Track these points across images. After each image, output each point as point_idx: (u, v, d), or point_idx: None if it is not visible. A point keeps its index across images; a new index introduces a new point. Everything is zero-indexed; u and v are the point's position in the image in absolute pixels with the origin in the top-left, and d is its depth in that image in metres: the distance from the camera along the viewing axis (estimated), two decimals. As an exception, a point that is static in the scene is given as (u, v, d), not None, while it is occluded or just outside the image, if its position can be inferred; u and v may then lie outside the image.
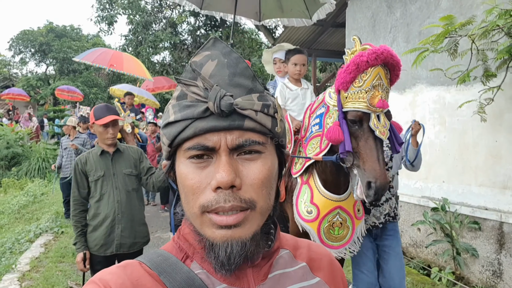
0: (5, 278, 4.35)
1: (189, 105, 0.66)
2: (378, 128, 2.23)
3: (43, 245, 5.64)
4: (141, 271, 0.67)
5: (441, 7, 4.96)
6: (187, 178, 0.66)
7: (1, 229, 7.62)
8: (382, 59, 2.13)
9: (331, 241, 2.66)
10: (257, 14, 4.64)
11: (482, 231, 4.34)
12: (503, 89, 3.95)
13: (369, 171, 2.19)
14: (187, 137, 0.66)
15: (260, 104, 0.67)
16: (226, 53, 0.70)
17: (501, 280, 4.14)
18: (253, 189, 0.65)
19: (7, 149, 13.40)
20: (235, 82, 0.67)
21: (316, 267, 0.81)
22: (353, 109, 2.24)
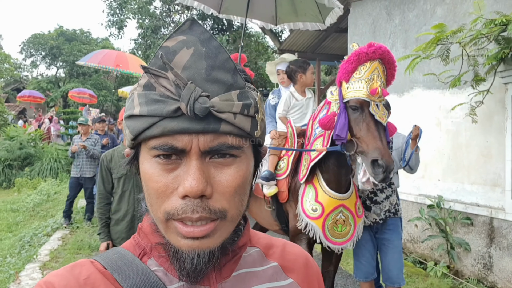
0: (27, 267, 4.69)
1: (158, 100, 0.58)
2: (378, 114, 2.43)
3: (60, 239, 6.00)
4: (91, 269, 0.64)
5: (436, 15, 5.24)
6: (151, 180, 0.59)
7: (17, 226, 7.95)
8: (379, 53, 2.39)
9: (335, 238, 2.84)
10: (273, 18, 4.83)
11: (474, 226, 4.61)
12: (493, 93, 4.22)
13: (373, 150, 2.35)
14: (153, 135, 0.58)
15: (240, 104, 0.59)
16: (204, 40, 0.60)
17: (491, 272, 4.39)
18: (225, 197, 0.59)
19: (20, 150, 13.73)
20: (213, 77, 0.59)
21: (290, 268, 0.77)
22: (354, 97, 2.45)
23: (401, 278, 3.21)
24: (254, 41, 18.72)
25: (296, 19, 4.80)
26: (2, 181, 13.08)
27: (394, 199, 3.28)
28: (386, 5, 6.20)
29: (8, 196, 11.27)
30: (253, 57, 17.50)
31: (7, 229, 7.50)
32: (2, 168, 13.38)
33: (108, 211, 3.22)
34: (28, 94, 17.02)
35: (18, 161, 13.68)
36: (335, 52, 9.61)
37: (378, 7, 6.38)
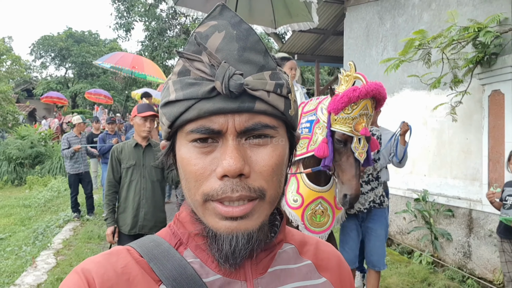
0: (42, 254, 5.12)
1: (193, 83, 0.59)
2: (358, 150, 2.60)
3: (72, 230, 6.43)
4: (128, 258, 0.63)
5: (423, 20, 5.57)
6: (189, 164, 0.60)
7: (29, 220, 8.37)
8: (371, 95, 2.50)
9: (314, 227, 3.00)
10: (272, 22, 5.14)
11: (455, 218, 4.94)
12: (471, 93, 4.55)
13: (346, 185, 2.60)
14: (190, 119, 0.59)
15: (273, 83, 0.60)
16: (235, 24, 0.61)
17: (470, 260, 4.73)
18: (263, 177, 0.60)
19: (31, 149, 14.18)
20: (245, 58, 0.60)
21: (324, 267, 0.75)
22: (340, 131, 2.61)
23: (381, 263, 3.46)
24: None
25: (291, 20, 5.15)
26: (14, 179, 13.49)
27: (379, 191, 3.46)
28: (379, 10, 6.54)
29: (20, 193, 11.67)
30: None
31: (20, 223, 7.92)
32: (14, 166, 13.80)
33: (115, 199, 3.49)
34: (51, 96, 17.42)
35: (29, 159, 14.08)
36: (334, 54, 9.95)
37: (371, 12, 6.72)
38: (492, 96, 4.46)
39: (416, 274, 4.61)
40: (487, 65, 4.38)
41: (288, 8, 5.02)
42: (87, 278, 0.59)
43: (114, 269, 0.61)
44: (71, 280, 0.60)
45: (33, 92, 28.77)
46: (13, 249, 5.82)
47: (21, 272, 4.61)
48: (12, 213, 8.86)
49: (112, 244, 3.64)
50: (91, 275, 0.59)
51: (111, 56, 9.64)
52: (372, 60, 6.62)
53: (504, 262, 3.44)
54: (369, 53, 6.76)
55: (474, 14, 4.69)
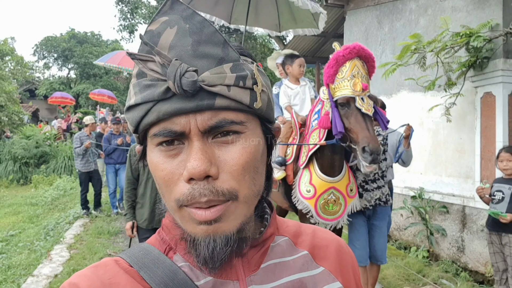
0: (56, 247, 5.37)
1: (149, 84, 0.57)
2: (364, 107, 2.67)
3: (82, 226, 6.68)
4: (116, 269, 0.63)
5: (420, 25, 5.81)
6: (157, 169, 0.59)
7: (37, 218, 8.59)
8: (355, 53, 2.64)
9: (326, 215, 3.14)
10: (277, 26, 5.38)
11: (450, 214, 5.18)
12: (464, 95, 4.79)
13: (362, 139, 2.63)
14: (151, 122, 0.58)
15: (233, 76, 0.57)
16: (187, 17, 0.58)
17: (464, 254, 4.96)
18: (233, 177, 0.57)
19: (36, 148, 14.41)
20: (201, 52, 0.57)
21: (321, 256, 0.73)
22: (341, 95, 2.72)
23: (383, 257, 3.62)
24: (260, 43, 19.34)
25: (296, 26, 5.36)
26: (20, 178, 13.71)
27: (386, 190, 3.55)
28: (377, 14, 6.78)
29: (26, 192, 11.89)
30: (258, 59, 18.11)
31: (29, 220, 8.14)
32: (19, 166, 14.03)
33: (134, 195, 3.64)
34: (60, 96, 17.63)
35: (34, 159, 14.31)
36: (334, 56, 10.21)
37: (370, 16, 6.96)
38: (484, 98, 4.70)
39: (411, 267, 4.84)
40: (479, 68, 4.62)
41: (293, 14, 5.21)
42: None
43: (101, 281, 0.60)
44: None
45: (36, 92, 29.00)
46: (25, 244, 6.05)
47: (36, 265, 4.86)
48: (20, 211, 9.07)
49: (131, 238, 3.81)
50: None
51: (112, 56, 9.60)
52: (371, 63, 6.85)
53: (493, 253, 3.67)
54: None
55: (467, 20, 4.93)
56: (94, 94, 15.08)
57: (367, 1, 7.00)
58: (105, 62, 9.15)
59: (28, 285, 4.18)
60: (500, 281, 3.65)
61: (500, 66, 4.44)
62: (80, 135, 7.91)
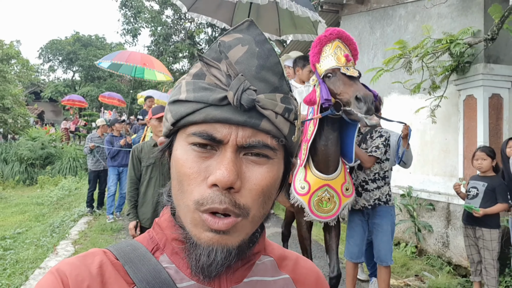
0: (61, 243, 5.67)
1: (206, 87, 0.59)
2: (349, 71, 2.74)
3: (86, 223, 6.98)
4: (103, 260, 0.64)
5: (408, 30, 6.07)
6: (184, 166, 0.60)
7: (43, 216, 8.87)
8: (336, 34, 2.81)
9: (320, 212, 3.15)
10: (277, 30, 5.50)
11: (436, 211, 5.42)
12: (448, 98, 5.05)
13: (353, 92, 2.67)
14: (195, 122, 0.59)
15: (282, 106, 0.61)
16: (259, 42, 0.63)
17: (448, 249, 5.21)
18: (251, 195, 0.59)
19: (42, 150, 14.72)
20: (262, 76, 0.61)
21: (301, 282, 0.76)
22: (327, 69, 2.80)
23: (389, 258, 3.55)
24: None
25: (296, 31, 5.48)
26: (25, 179, 14.01)
27: (386, 190, 3.59)
28: (370, 20, 7.04)
29: (32, 192, 12.19)
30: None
31: (35, 219, 8.43)
32: (25, 167, 14.34)
33: (136, 195, 3.65)
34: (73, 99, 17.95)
35: (40, 160, 14.62)
36: (331, 59, 10.48)
37: (363, 21, 7.22)
38: (466, 100, 4.95)
39: (397, 261, 5.09)
40: (462, 72, 4.88)
41: (293, 20, 5.34)
42: (61, 279, 0.60)
43: (88, 270, 0.62)
44: (46, 280, 0.60)
45: (41, 95, 29.41)
46: (32, 240, 6.34)
47: (43, 259, 5.15)
48: (26, 210, 9.37)
49: (134, 237, 4.02)
50: (65, 275, 0.60)
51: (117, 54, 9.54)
52: (364, 67, 7.09)
53: (468, 246, 3.92)
54: (361, 60, 7.24)
55: (452, 26, 5.19)
56: (104, 97, 15.39)
57: (360, 7, 7.27)
58: (112, 60, 9.09)
59: (35, 276, 4.47)
60: (475, 272, 3.90)
61: (480, 71, 4.69)
62: (92, 136, 8.25)
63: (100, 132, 8.30)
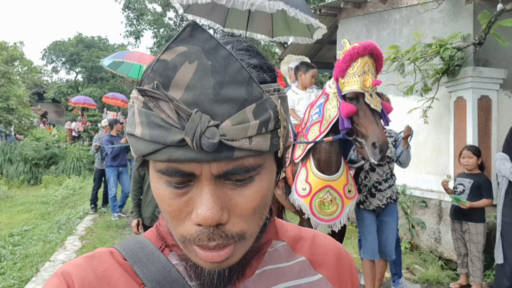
0: (69, 238, 5.94)
1: (160, 125, 0.49)
2: (372, 102, 2.71)
3: (92, 220, 7.25)
4: (110, 261, 0.62)
5: (403, 34, 6.30)
6: (163, 203, 0.55)
7: (49, 215, 9.12)
8: (368, 50, 2.71)
9: (322, 215, 3.08)
10: (270, 31, 5.54)
11: (428, 208, 5.64)
12: (440, 99, 5.27)
13: (372, 134, 2.64)
14: (159, 160, 0.51)
15: (256, 124, 0.50)
16: (210, 51, 0.49)
17: (440, 245, 5.43)
18: (243, 219, 0.54)
19: (46, 150, 14.99)
20: (223, 96, 0.49)
21: (320, 262, 0.71)
22: (350, 90, 2.74)
23: (392, 253, 3.71)
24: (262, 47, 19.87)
25: (289, 34, 5.51)
26: (30, 178, 14.27)
27: (395, 188, 3.73)
28: (366, 23, 7.27)
29: (36, 191, 12.46)
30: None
31: (41, 217, 8.68)
32: (30, 166, 14.60)
33: (140, 193, 3.74)
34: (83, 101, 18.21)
35: (44, 160, 14.87)
36: (329, 61, 10.69)
37: (360, 25, 7.45)
38: (456, 102, 5.17)
39: (391, 255, 5.31)
40: (452, 75, 5.10)
41: (288, 23, 5.35)
42: (67, 281, 0.58)
43: (95, 272, 0.60)
44: (51, 283, 0.59)
45: (44, 95, 29.70)
46: (40, 237, 6.60)
47: (52, 253, 5.39)
48: (32, 209, 9.62)
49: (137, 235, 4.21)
50: (71, 278, 0.58)
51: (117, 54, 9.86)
52: (361, 69, 7.33)
53: (455, 239, 4.15)
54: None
55: (443, 30, 5.41)
56: (107, 98, 15.62)
57: (357, 11, 7.49)
58: (123, 59, 9.13)
59: (46, 268, 4.71)
60: (462, 264, 4.12)
61: (470, 73, 4.91)
62: (99, 136, 8.40)
63: (106, 132, 8.48)
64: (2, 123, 16.23)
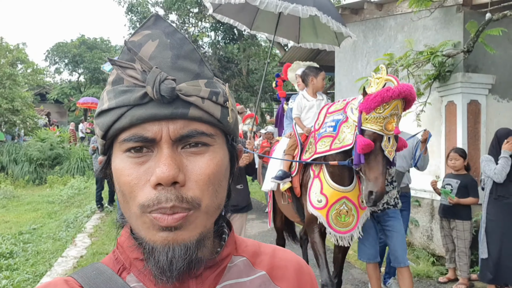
0: (78, 236, 6.23)
1: (125, 90, 0.59)
2: (387, 149, 2.63)
3: (99, 219, 7.55)
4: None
5: (398, 40, 6.57)
6: (123, 174, 0.59)
7: (55, 214, 9.39)
8: (403, 96, 2.57)
9: (339, 227, 3.06)
10: (296, 37, 5.40)
11: (421, 207, 5.91)
12: (432, 103, 5.53)
13: (373, 182, 2.62)
14: (122, 127, 0.58)
15: (207, 90, 0.60)
16: (169, 33, 0.62)
17: (432, 242, 5.69)
18: (198, 186, 0.59)
19: (51, 150, 15.28)
20: (179, 66, 0.60)
21: (280, 276, 0.73)
22: (371, 129, 2.64)
23: (405, 258, 3.52)
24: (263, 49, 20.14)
25: (316, 41, 5.41)
26: (35, 179, 14.54)
27: (393, 194, 3.55)
28: (363, 29, 7.54)
29: (42, 191, 12.75)
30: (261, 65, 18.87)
31: (48, 216, 8.96)
32: (35, 167, 14.86)
33: None
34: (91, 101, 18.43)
35: (48, 160, 15.15)
36: (329, 64, 10.96)
37: (357, 30, 7.71)
38: (447, 106, 5.44)
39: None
40: (443, 80, 5.37)
41: (315, 29, 5.25)
42: None
43: None
44: None
45: (47, 96, 30.00)
46: (49, 235, 6.88)
47: (63, 249, 5.67)
48: (39, 208, 9.90)
49: None
50: None
51: None
52: (358, 73, 7.60)
53: (443, 236, 4.42)
54: (356, 66, 7.75)
55: (436, 37, 5.68)
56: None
57: (355, 17, 7.76)
58: None
59: (59, 263, 5.00)
60: (450, 259, 4.40)
61: (459, 79, 5.18)
62: (95, 139, 8.63)
63: None
64: (7, 124, 16.50)
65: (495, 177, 3.72)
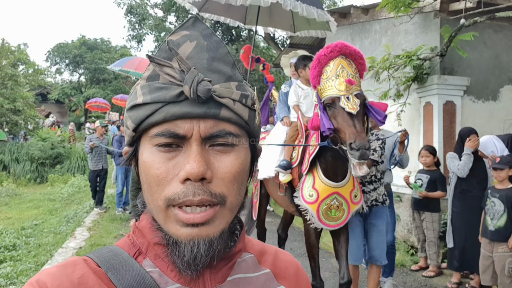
0: (78, 229, 6.57)
1: (161, 87, 0.61)
2: (348, 106, 2.60)
3: (98, 214, 7.88)
4: (85, 268, 0.63)
5: (382, 44, 6.87)
6: (152, 167, 0.61)
7: (56, 211, 9.68)
8: (337, 51, 2.58)
9: (329, 221, 3.09)
10: (291, 26, 5.34)
11: (402, 202, 6.24)
12: (412, 104, 5.86)
13: (348, 136, 2.58)
14: (156, 122, 0.61)
15: (238, 93, 0.63)
16: (206, 35, 0.65)
17: (412, 235, 6.01)
18: (224, 183, 0.61)
19: (52, 150, 15.58)
20: (214, 67, 0.63)
21: (281, 275, 0.78)
22: (327, 96, 2.67)
23: (383, 257, 3.61)
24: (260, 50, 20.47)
25: (310, 28, 5.33)
26: (36, 177, 14.83)
27: (381, 190, 3.66)
28: (351, 32, 7.87)
29: (43, 190, 13.03)
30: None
31: (49, 213, 9.28)
32: (36, 166, 15.13)
33: (138, 194, 4.38)
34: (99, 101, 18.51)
35: (49, 159, 15.45)
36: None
37: (345, 33, 8.05)
38: (425, 106, 5.77)
39: (366, 244, 5.91)
40: (421, 82, 5.69)
41: (307, 18, 5.14)
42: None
43: (70, 280, 0.60)
44: None
45: (48, 96, 30.31)
46: (50, 229, 7.22)
47: (63, 242, 6.01)
48: (40, 206, 10.22)
49: None
50: (46, 287, 0.59)
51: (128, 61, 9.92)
52: (346, 74, 7.92)
53: (415, 227, 4.75)
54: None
55: (416, 41, 6.00)
56: (117, 100, 15.79)
57: (343, 21, 8.08)
58: (122, 67, 9.39)
59: (59, 253, 5.34)
60: (421, 248, 4.73)
61: (435, 81, 5.51)
62: (91, 137, 8.62)
63: (99, 134, 8.61)
64: (9, 124, 16.82)
65: (458, 172, 4.05)
